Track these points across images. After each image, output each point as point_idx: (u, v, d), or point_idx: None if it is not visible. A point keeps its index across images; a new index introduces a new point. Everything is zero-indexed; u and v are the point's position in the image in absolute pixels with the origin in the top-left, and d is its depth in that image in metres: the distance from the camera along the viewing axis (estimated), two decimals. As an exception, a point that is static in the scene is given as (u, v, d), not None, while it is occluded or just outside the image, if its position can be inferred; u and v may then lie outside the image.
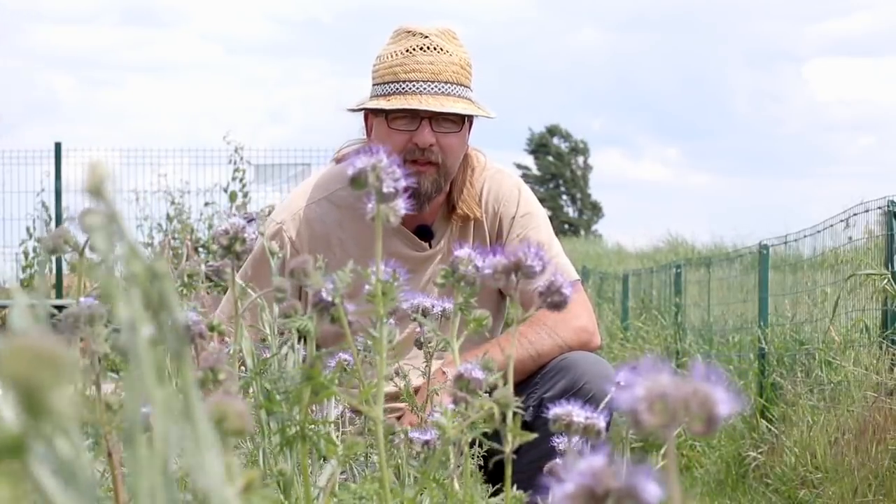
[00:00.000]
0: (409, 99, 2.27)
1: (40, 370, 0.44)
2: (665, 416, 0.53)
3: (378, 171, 1.11)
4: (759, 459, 5.18)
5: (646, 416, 0.53)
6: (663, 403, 0.53)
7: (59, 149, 10.47)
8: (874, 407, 4.34)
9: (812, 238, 6.13)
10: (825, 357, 5.07)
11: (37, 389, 0.44)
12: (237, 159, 10.65)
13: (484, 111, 2.36)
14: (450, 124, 2.31)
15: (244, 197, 10.58)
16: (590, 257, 18.43)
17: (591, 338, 2.38)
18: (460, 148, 2.36)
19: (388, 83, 2.30)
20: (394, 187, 1.11)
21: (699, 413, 0.53)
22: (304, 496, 1.25)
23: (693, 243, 18.32)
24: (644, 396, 0.53)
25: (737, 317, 7.40)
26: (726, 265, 8.31)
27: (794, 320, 6.10)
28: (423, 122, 2.28)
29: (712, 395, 0.53)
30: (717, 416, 0.53)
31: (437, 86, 2.28)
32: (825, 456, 4.50)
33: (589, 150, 47.65)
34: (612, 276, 13.41)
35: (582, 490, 0.52)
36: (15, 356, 0.44)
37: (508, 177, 2.50)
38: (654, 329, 9.27)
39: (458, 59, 2.32)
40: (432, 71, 2.28)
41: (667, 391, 0.53)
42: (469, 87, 2.34)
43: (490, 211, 2.45)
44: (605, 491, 0.52)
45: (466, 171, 2.42)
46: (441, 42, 2.31)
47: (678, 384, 0.53)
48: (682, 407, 0.53)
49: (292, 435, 1.22)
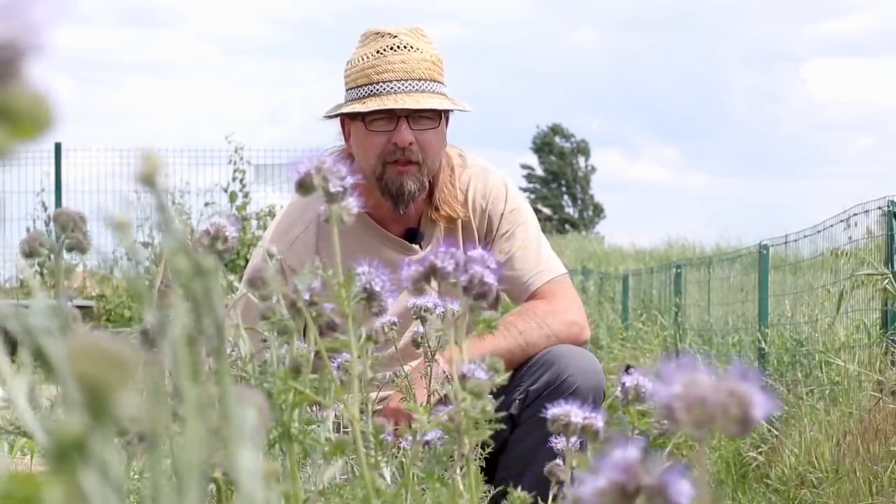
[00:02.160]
0: (384, 99, 2.27)
1: (107, 371, 0.43)
2: (703, 416, 0.53)
3: (323, 173, 1.11)
4: (759, 459, 5.18)
5: (682, 413, 0.53)
6: (702, 403, 0.53)
7: (59, 149, 10.48)
8: (875, 407, 4.34)
9: (812, 238, 6.14)
10: (825, 357, 5.06)
11: (102, 390, 0.43)
12: (237, 159, 10.65)
13: (460, 105, 2.37)
14: (427, 121, 2.32)
15: (244, 197, 10.58)
16: (590, 257, 18.42)
17: (581, 331, 2.37)
18: (439, 144, 2.36)
19: (361, 86, 2.30)
20: (341, 186, 1.11)
21: (736, 414, 0.53)
22: (293, 496, 1.25)
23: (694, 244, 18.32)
24: (681, 394, 0.53)
25: (737, 317, 7.40)
26: (726, 265, 8.31)
27: (793, 320, 6.10)
28: (400, 122, 2.29)
29: (749, 397, 0.53)
30: (752, 418, 0.53)
31: (411, 83, 2.28)
32: (825, 456, 4.50)
33: (590, 150, 47.69)
34: (613, 276, 13.41)
35: (614, 486, 0.52)
36: (82, 356, 0.43)
37: (493, 173, 2.49)
38: (655, 329, 9.27)
39: (429, 56, 2.32)
40: (405, 69, 2.28)
41: (706, 392, 0.53)
42: (442, 83, 2.35)
43: (478, 208, 2.45)
44: (637, 488, 0.52)
45: (447, 170, 2.43)
46: (410, 40, 2.32)
47: (716, 385, 0.53)
48: (720, 408, 0.53)
49: (277, 436, 1.21)
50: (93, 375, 0.43)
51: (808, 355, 5.41)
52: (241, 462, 0.51)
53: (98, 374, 0.43)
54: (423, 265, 1.12)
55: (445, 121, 2.39)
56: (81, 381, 0.43)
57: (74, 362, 0.43)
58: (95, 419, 0.44)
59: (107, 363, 0.43)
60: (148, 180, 0.51)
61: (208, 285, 0.52)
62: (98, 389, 0.43)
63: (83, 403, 0.43)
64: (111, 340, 0.44)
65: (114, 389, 0.43)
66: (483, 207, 2.44)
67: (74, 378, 0.43)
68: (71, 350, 0.43)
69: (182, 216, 10.83)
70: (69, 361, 0.43)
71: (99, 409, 0.43)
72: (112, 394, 0.43)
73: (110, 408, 0.43)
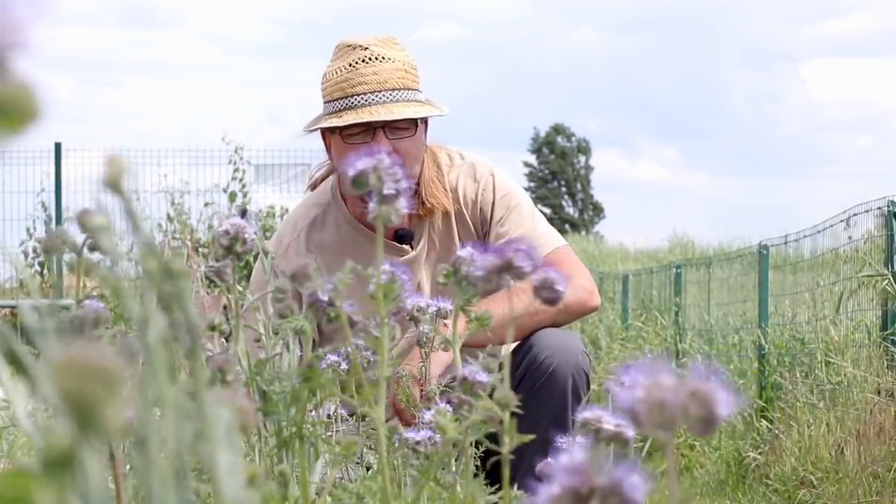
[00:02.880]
0: (359, 112, 2.31)
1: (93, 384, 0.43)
2: (664, 419, 0.53)
3: (379, 173, 1.12)
4: (758, 460, 5.18)
5: (645, 417, 0.53)
6: (662, 406, 0.53)
7: (59, 149, 10.47)
8: (874, 408, 4.34)
9: (812, 238, 6.13)
10: (825, 357, 5.06)
11: (89, 403, 0.43)
12: (237, 159, 10.65)
13: (436, 109, 2.40)
14: (403, 130, 2.36)
15: (244, 197, 10.57)
16: (589, 257, 18.42)
17: (590, 296, 2.38)
18: (417, 150, 2.40)
19: (336, 100, 2.35)
20: (395, 189, 1.12)
21: (698, 414, 0.53)
22: (302, 496, 1.25)
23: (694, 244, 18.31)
24: (643, 398, 0.53)
25: (737, 317, 7.39)
26: (726, 265, 8.30)
27: (794, 320, 6.09)
28: (377, 132, 2.33)
29: (711, 396, 0.53)
30: (716, 417, 0.53)
31: (384, 94, 2.33)
32: (825, 456, 4.50)
33: (591, 149, 47.68)
34: (612, 276, 13.41)
35: (567, 491, 0.52)
36: (67, 368, 0.43)
37: (480, 165, 2.51)
38: (655, 329, 9.26)
39: (401, 65, 2.36)
40: (377, 81, 2.33)
41: (666, 394, 0.53)
42: (417, 90, 2.39)
43: (469, 202, 2.47)
44: (591, 489, 0.52)
45: (432, 167, 2.46)
46: (381, 51, 2.36)
47: (677, 386, 0.53)
48: (681, 409, 0.53)
49: (289, 436, 1.21)
50: (78, 389, 0.43)
51: (808, 355, 5.40)
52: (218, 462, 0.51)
53: (84, 388, 0.43)
54: (500, 258, 1.14)
55: (424, 126, 2.44)
56: (67, 396, 0.43)
57: (60, 376, 0.43)
58: (83, 431, 0.43)
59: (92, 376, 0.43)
60: (113, 184, 0.51)
61: (179, 287, 0.52)
62: (84, 403, 0.43)
63: (70, 416, 0.43)
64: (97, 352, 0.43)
65: (100, 403, 0.43)
66: (473, 200, 2.47)
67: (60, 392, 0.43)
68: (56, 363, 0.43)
69: (181, 216, 10.82)
70: (55, 375, 0.43)
71: (86, 422, 0.43)
72: (99, 407, 0.43)
73: (97, 421, 0.43)
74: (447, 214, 2.46)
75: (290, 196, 10.89)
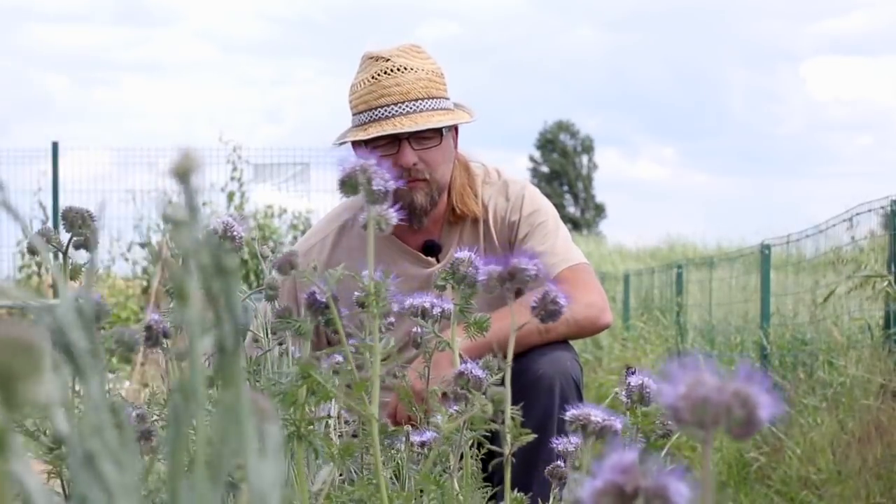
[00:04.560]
0: (383, 125, 2.33)
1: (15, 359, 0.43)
2: (705, 417, 0.52)
3: (367, 172, 1.13)
4: (760, 461, 5.16)
5: (686, 414, 0.53)
6: (705, 404, 0.52)
7: (57, 148, 10.46)
8: (877, 408, 4.32)
9: (814, 238, 6.12)
10: (828, 358, 5.04)
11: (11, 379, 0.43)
12: (235, 159, 10.63)
13: (462, 116, 2.41)
14: (428, 140, 2.37)
15: (242, 196, 10.55)
16: (590, 257, 18.39)
17: (601, 314, 2.38)
18: (445, 158, 2.40)
19: (362, 112, 2.37)
20: (384, 186, 1.13)
21: (740, 416, 0.53)
22: (300, 496, 1.23)
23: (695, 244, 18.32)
24: (685, 395, 0.53)
25: (739, 317, 7.38)
26: (728, 265, 8.29)
27: (796, 320, 6.08)
28: (402, 143, 2.34)
29: (755, 398, 0.53)
30: (757, 420, 0.53)
31: (407, 105, 2.34)
32: (828, 457, 4.48)
33: (594, 147, 47.73)
34: (613, 276, 13.41)
35: (612, 487, 0.52)
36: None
37: (513, 183, 2.53)
38: (656, 329, 9.25)
39: (424, 74, 2.38)
40: (400, 92, 2.34)
41: (709, 392, 0.53)
42: (443, 97, 2.40)
43: (498, 220, 2.48)
44: (635, 489, 0.52)
45: (463, 174, 2.47)
46: (404, 61, 2.38)
47: (721, 385, 0.53)
48: (724, 408, 0.52)
49: (288, 435, 1.20)
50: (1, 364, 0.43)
51: (810, 355, 5.39)
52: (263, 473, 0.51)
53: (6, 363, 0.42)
54: (503, 266, 1.14)
55: (454, 132, 2.45)
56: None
57: None
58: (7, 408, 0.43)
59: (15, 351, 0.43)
60: (183, 176, 0.51)
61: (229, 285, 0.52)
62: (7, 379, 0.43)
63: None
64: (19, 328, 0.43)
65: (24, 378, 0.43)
66: (503, 217, 2.48)
67: None
68: None
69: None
70: None
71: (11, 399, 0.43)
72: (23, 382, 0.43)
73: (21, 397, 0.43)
74: (476, 229, 2.47)
75: (289, 195, 10.88)
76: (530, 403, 2.28)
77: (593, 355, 10.21)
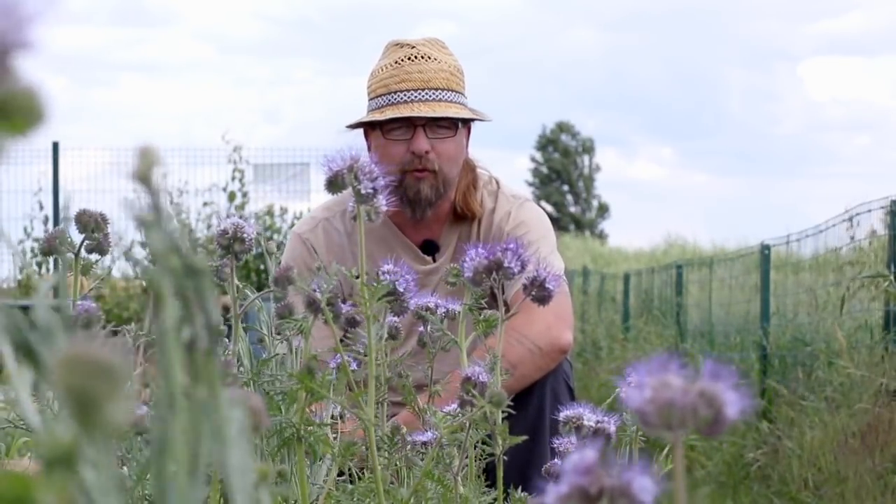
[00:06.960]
0: (401, 108, 2.33)
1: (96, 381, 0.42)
2: (672, 419, 0.53)
3: (355, 172, 1.11)
4: (760, 461, 5.16)
5: (653, 418, 0.53)
6: (671, 406, 0.53)
7: (57, 148, 10.45)
8: (877, 409, 4.32)
9: (814, 238, 6.12)
10: (827, 358, 5.04)
11: (91, 402, 0.42)
12: (236, 159, 10.62)
13: (478, 114, 2.41)
14: (444, 130, 2.36)
15: (243, 197, 10.55)
16: (591, 257, 18.42)
17: (560, 334, 2.27)
18: (456, 153, 2.40)
19: (380, 96, 2.37)
20: (372, 187, 1.12)
21: (707, 415, 0.53)
22: (301, 496, 1.24)
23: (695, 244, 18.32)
24: (651, 398, 0.53)
25: (738, 317, 7.38)
26: (728, 265, 8.29)
27: (795, 321, 6.08)
28: (417, 130, 2.33)
29: (720, 397, 0.53)
30: (725, 418, 0.53)
31: (427, 93, 2.34)
32: (827, 458, 4.48)
33: (595, 148, 47.67)
34: (613, 276, 13.40)
35: (576, 490, 0.52)
36: (69, 366, 0.43)
37: (513, 196, 2.52)
38: (656, 329, 9.25)
39: (447, 66, 2.38)
40: (422, 79, 2.34)
41: (674, 394, 0.53)
42: (461, 93, 2.40)
43: (492, 229, 2.47)
44: (600, 489, 0.52)
45: (468, 176, 2.46)
46: (428, 51, 2.38)
47: (686, 386, 0.53)
48: (690, 410, 0.53)
49: (288, 436, 1.20)
50: (81, 387, 0.42)
51: (810, 356, 5.38)
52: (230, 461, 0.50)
53: (86, 386, 0.42)
54: (488, 258, 1.13)
55: (467, 131, 2.45)
56: (69, 393, 0.42)
57: (62, 373, 0.42)
58: (85, 429, 0.43)
59: (95, 373, 0.42)
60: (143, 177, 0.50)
61: (200, 285, 0.51)
62: (87, 401, 0.42)
63: (72, 414, 0.43)
64: (101, 349, 0.43)
65: (103, 400, 0.42)
66: (499, 227, 2.45)
67: (62, 389, 0.42)
68: (59, 360, 0.43)
69: (181, 216, 10.80)
70: (57, 372, 0.42)
71: (88, 419, 0.43)
72: (102, 405, 0.42)
73: (100, 418, 0.42)
74: (473, 232, 2.46)
75: (290, 195, 10.88)
76: (523, 403, 2.28)
77: (593, 355, 10.21)
